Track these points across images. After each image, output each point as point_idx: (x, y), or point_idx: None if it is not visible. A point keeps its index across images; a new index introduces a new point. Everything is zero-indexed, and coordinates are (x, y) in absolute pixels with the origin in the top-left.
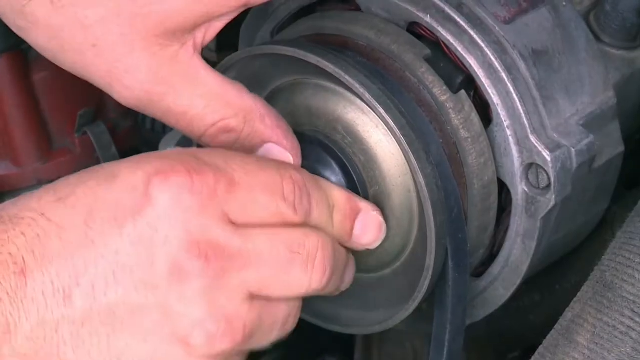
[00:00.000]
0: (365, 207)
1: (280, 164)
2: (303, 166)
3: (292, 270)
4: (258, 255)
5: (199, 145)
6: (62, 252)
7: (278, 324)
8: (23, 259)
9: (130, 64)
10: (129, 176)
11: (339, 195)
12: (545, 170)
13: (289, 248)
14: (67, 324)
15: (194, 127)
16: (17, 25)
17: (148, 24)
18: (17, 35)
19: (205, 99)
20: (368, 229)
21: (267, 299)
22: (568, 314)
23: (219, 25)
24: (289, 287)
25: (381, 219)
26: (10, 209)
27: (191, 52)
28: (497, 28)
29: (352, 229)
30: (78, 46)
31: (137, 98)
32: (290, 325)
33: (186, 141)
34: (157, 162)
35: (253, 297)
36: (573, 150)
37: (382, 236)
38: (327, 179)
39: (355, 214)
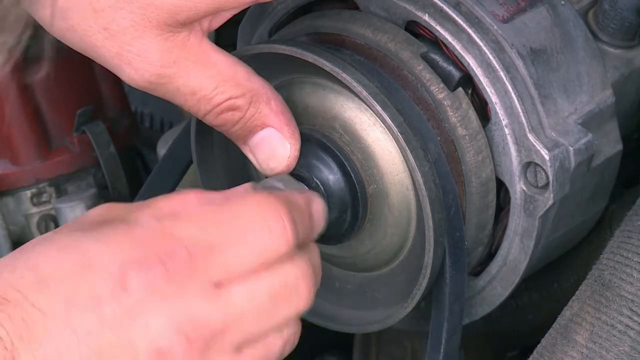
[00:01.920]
0: (311, 196)
1: (261, 200)
2: (300, 165)
3: (277, 313)
4: (240, 316)
5: (197, 138)
6: (47, 339)
7: (276, 352)
8: (12, 343)
9: (142, 48)
10: (104, 265)
11: (301, 201)
12: (543, 169)
13: (270, 295)
14: None
15: (200, 106)
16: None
17: (160, 14)
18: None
19: (215, 80)
20: (321, 215)
21: (257, 341)
22: (566, 313)
23: (227, 15)
24: (276, 325)
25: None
26: None
27: (200, 36)
28: (495, 27)
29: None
30: (88, 28)
31: (147, 80)
32: (292, 344)
33: (184, 139)
34: (130, 251)
35: (241, 348)
36: (571, 149)
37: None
38: (325, 178)
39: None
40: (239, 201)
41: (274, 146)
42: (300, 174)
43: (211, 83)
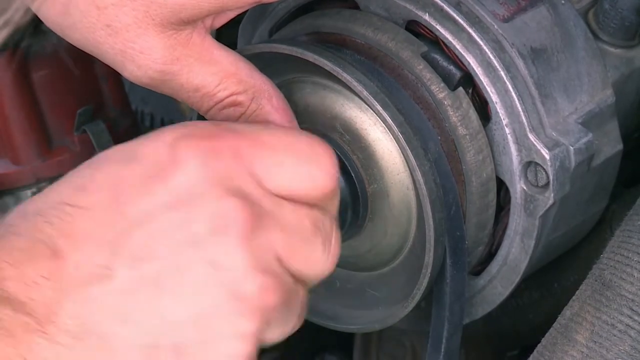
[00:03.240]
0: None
1: (317, 139)
2: None
3: (315, 246)
4: (286, 221)
5: None
6: (95, 230)
7: (298, 309)
8: (55, 243)
9: (145, 45)
10: (150, 150)
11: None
12: (543, 169)
13: (314, 224)
14: (112, 298)
15: (204, 102)
16: None
17: (163, 12)
18: (17, 34)
19: (218, 76)
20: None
21: (293, 275)
22: (567, 313)
23: (230, 15)
24: (311, 263)
25: None
26: (31, 205)
27: (203, 33)
28: (495, 26)
29: None
30: (91, 25)
31: (150, 77)
32: (302, 317)
33: None
34: (174, 131)
35: (284, 264)
36: (572, 148)
37: None
38: None
39: None
40: (290, 130)
41: None
42: None
43: (214, 80)
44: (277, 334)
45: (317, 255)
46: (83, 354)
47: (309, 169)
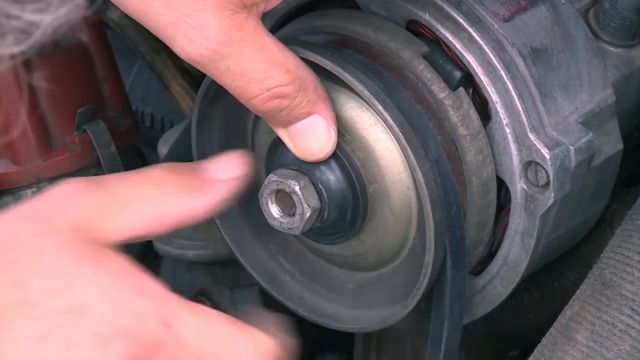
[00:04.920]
0: None
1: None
2: (300, 164)
3: None
4: None
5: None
6: None
7: None
8: None
9: (200, 21)
10: (94, 322)
11: None
12: (544, 168)
13: None
14: None
15: (248, 88)
16: None
17: None
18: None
19: (267, 64)
20: None
21: None
22: (567, 312)
23: None
24: None
25: None
26: None
27: (256, 19)
28: (496, 26)
29: None
30: None
31: (201, 54)
32: None
33: (185, 139)
34: (119, 322)
35: None
36: (572, 148)
37: None
38: (326, 177)
39: None
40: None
41: (321, 133)
42: (301, 172)
43: (263, 66)
44: None
45: None
46: None
47: None
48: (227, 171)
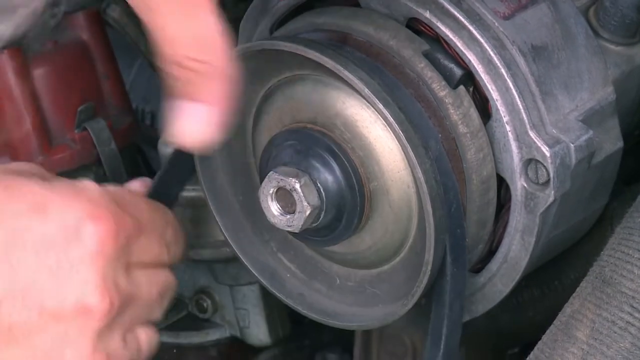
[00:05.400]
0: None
1: (165, 208)
2: (300, 162)
3: (157, 310)
4: (139, 296)
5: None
6: None
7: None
8: None
9: None
10: (60, 211)
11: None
12: (544, 166)
13: (160, 291)
14: None
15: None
16: None
17: None
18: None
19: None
20: None
21: (133, 334)
22: (567, 310)
23: None
24: (148, 323)
25: None
26: None
27: None
28: (496, 24)
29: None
30: None
31: None
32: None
33: None
34: (87, 204)
35: (126, 333)
36: (572, 146)
37: None
38: (326, 175)
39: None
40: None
41: (200, 122)
42: (301, 169)
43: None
44: None
45: (156, 314)
46: None
47: (163, 245)
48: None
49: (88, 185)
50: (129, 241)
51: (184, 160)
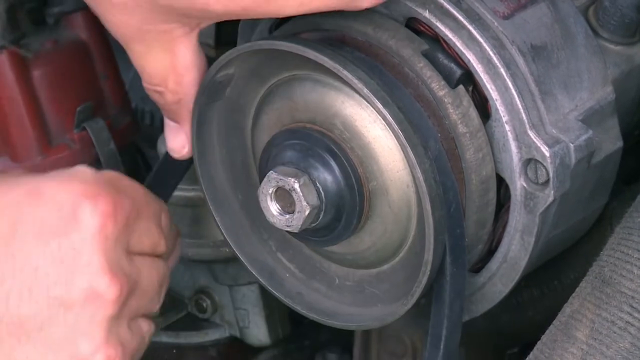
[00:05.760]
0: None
1: (159, 198)
2: (299, 162)
3: (156, 301)
4: (141, 283)
5: (197, 133)
6: None
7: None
8: None
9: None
10: (55, 194)
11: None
12: (544, 166)
13: (159, 281)
14: None
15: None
16: None
17: None
18: (18, 31)
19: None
20: None
21: (136, 322)
22: (567, 310)
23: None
24: (149, 310)
25: None
26: None
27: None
28: (495, 23)
29: None
30: None
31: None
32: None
33: None
34: (82, 185)
35: (131, 322)
36: (572, 145)
37: None
38: (325, 175)
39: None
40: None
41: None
42: (300, 169)
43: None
44: None
45: (156, 304)
46: None
47: (161, 233)
48: None
49: (82, 169)
50: (128, 222)
51: (175, 162)
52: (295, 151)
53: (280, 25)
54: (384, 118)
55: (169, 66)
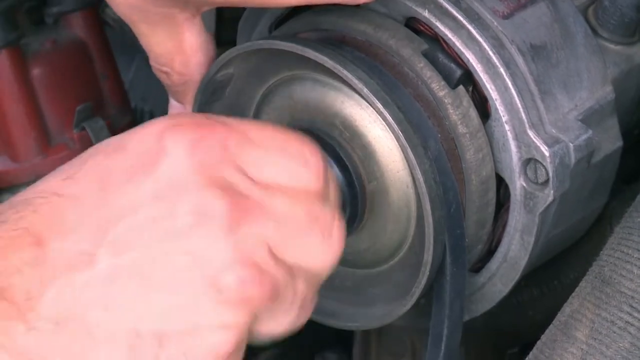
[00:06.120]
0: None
1: (304, 138)
2: None
3: (312, 237)
4: (277, 211)
5: None
6: (80, 219)
7: (297, 303)
8: (39, 231)
9: None
10: (137, 140)
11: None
12: (543, 166)
13: (309, 214)
14: (94, 285)
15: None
16: None
17: None
18: (17, 31)
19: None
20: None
21: (288, 268)
22: (566, 309)
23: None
24: (309, 254)
25: None
26: (21, 195)
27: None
28: (495, 23)
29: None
30: None
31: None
32: (306, 313)
33: None
34: (163, 122)
35: (275, 256)
36: (571, 145)
37: None
38: None
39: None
40: (280, 127)
41: None
42: None
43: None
44: (272, 327)
45: (315, 245)
46: (64, 340)
47: (296, 166)
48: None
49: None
50: (231, 146)
51: None
52: None
53: (280, 24)
54: (384, 118)
55: (175, 49)
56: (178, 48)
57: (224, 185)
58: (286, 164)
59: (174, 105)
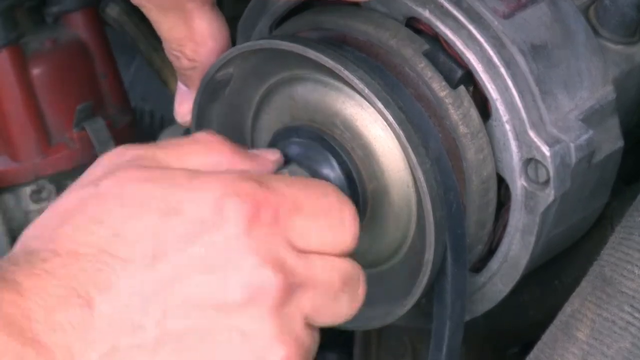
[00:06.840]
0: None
1: (339, 191)
2: (300, 161)
3: (341, 301)
4: (317, 280)
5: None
6: (130, 284)
7: (314, 353)
8: (87, 292)
9: None
10: (194, 205)
11: None
12: (544, 165)
13: (342, 278)
14: (138, 353)
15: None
16: None
17: None
18: (17, 30)
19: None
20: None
21: (314, 327)
22: (567, 309)
23: None
24: (336, 316)
25: None
26: (63, 242)
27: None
28: (496, 23)
29: None
30: None
31: None
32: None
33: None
34: (221, 188)
35: (308, 323)
36: (572, 145)
37: None
38: (326, 175)
39: None
40: (323, 183)
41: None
42: (301, 168)
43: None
44: None
45: (342, 309)
46: None
47: (338, 232)
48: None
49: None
50: (282, 218)
51: None
52: (295, 150)
53: (280, 24)
54: (385, 118)
55: (185, 36)
56: (188, 35)
57: (275, 262)
58: (328, 230)
59: (181, 89)
